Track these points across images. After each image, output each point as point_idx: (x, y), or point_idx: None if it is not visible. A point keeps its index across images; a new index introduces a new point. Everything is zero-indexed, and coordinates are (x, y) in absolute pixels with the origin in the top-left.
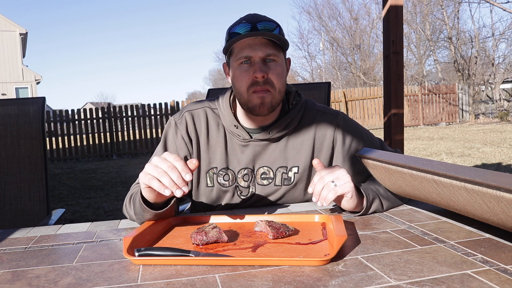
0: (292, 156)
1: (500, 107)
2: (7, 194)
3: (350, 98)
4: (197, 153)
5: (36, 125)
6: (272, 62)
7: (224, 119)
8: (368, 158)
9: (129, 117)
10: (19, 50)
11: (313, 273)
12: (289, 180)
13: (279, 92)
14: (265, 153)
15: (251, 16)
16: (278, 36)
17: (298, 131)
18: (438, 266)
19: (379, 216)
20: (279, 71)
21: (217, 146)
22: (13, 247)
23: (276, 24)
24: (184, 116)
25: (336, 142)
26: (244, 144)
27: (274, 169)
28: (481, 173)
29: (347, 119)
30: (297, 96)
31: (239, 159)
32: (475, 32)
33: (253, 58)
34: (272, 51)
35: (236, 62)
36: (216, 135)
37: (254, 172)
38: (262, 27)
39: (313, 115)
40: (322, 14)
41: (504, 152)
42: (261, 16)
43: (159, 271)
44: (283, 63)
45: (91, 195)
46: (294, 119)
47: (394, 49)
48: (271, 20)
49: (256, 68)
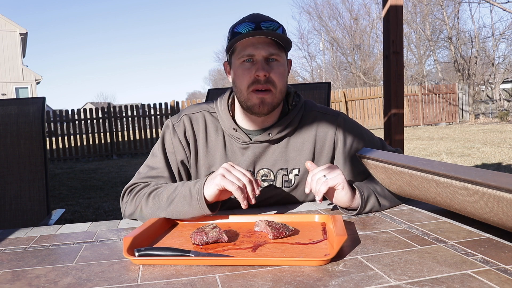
0: (292, 157)
1: (500, 107)
2: (7, 194)
3: (350, 98)
4: (195, 157)
5: (36, 125)
6: (274, 62)
7: (223, 122)
8: (368, 158)
9: (129, 117)
10: (19, 50)
11: (313, 273)
12: (289, 182)
13: (280, 92)
14: (265, 155)
15: (254, 15)
16: (281, 36)
17: (298, 132)
18: (438, 266)
19: (379, 216)
20: (281, 70)
21: (216, 149)
22: (13, 247)
23: (279, 24)
24: (182, 120)
25: (337, 143)
26: (244, 146)
27: (275, 171)
28: (481, 173)
29: (348, 119)
30: (296, 97)
31: (239, 162)
32: (475, 32)
33: (255, 56)
34: (275, 51)
35: (238, 60)
36: (215, 139)
37: (255, 174)
38: (265, 26)
39: (314, 116)
40: (322, 14)
41: (504, 152)
42: (264, 16)
43: (159, 271)
44: (285, 63)
45: (91, 195)
46: (294, 120)
47: (394, 49)
48: (274, 20)
49: (259, 67)
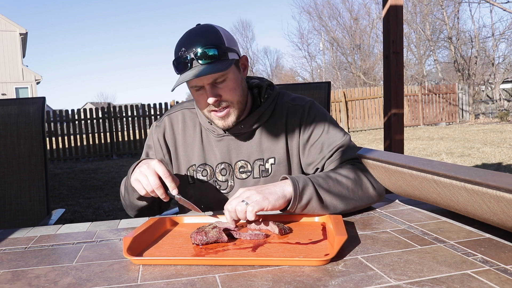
0: (267, 148)
1: (500, 107)
2: (7, 194)
3: (350, 98)
4: (175, 153)
5: (36, 125)
6: (222, 83)
7: (200, 117)
8: (368, 158)
9: (129, 117)
10: (19, 50)
11: (313, 273)
12: (266, 171)
13: (238, 103)
14: (240, 147)
15: (187, 45)
16: (218, 68)
17: (271, 123)
18: (438, 266)
19: (379, 216)
20: (231, 86)
21: (194, 143)
22: (13, 247)
23: (214, 45)
24: (164, 121)
25: (300, 131)
26: (219, 139)
27: (251, 162)
28: (481, 173)
29: (313, 108)
30: (269, 89)
31: (215, 154)
32: (475, 32)
33: (202, 86)
34: (218, 75)
35: (190, 88)
36: (192, 134)
37: (232, 166)
38: (202, 60)
39: (285, 107)
40: (322, 14)
41: (504, 152)
42: (199, 41)
43: (159, 271)
44: (235, 72)
45: (91, 195)
46: (265, 113)
47: (394, 49)
48: (208, 44)
49: (208, 95)
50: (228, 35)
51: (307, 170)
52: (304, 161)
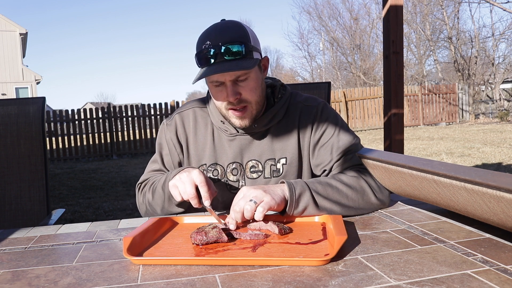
0: (279, 148)
1: (500, 107)
2: (7, 194)
3: (350, 98)
4: (187, 152)
5: (36, 125)
6: (243, 81)
7: (212, 116)
8: (368, 158)
9: (129, 117)
10: (19, 50)
11: (313, 273)
12: (278, 171)
13: (256, 103)
14: (252, 146)
15: (212, 38)
16: (242, 65)
17: (283, 124)
18: (438, 266)
19: (379, 216)
20: (252, 85)
21: (205, 143)
22: (13, 247)
23: (240, 41)
24: (174, 119)
25: (312, 132)
26: (231, 138)
27: (263, 162)
28: (481, 173)
29: (326, 110)
30: (282, 89)
31: (227, 154)
32: (475, 32)
33: (224, 81)
34: (241, 72)
35: (209, 83)
36: (204, 133)
37: (244, 166)
38: (227, 55)
39: (298, 108)
40: (322, 14)
41: (504, 152)
42: (225, 36)
43: (159, 271)
44: (256, 72)
45: (91, 195)
46: (279, 113)
47: (394, 49)
48: (235, 40)
49: (228, 93)
50: (253, 33)
51: (315, 171)
52: (313, 162)
